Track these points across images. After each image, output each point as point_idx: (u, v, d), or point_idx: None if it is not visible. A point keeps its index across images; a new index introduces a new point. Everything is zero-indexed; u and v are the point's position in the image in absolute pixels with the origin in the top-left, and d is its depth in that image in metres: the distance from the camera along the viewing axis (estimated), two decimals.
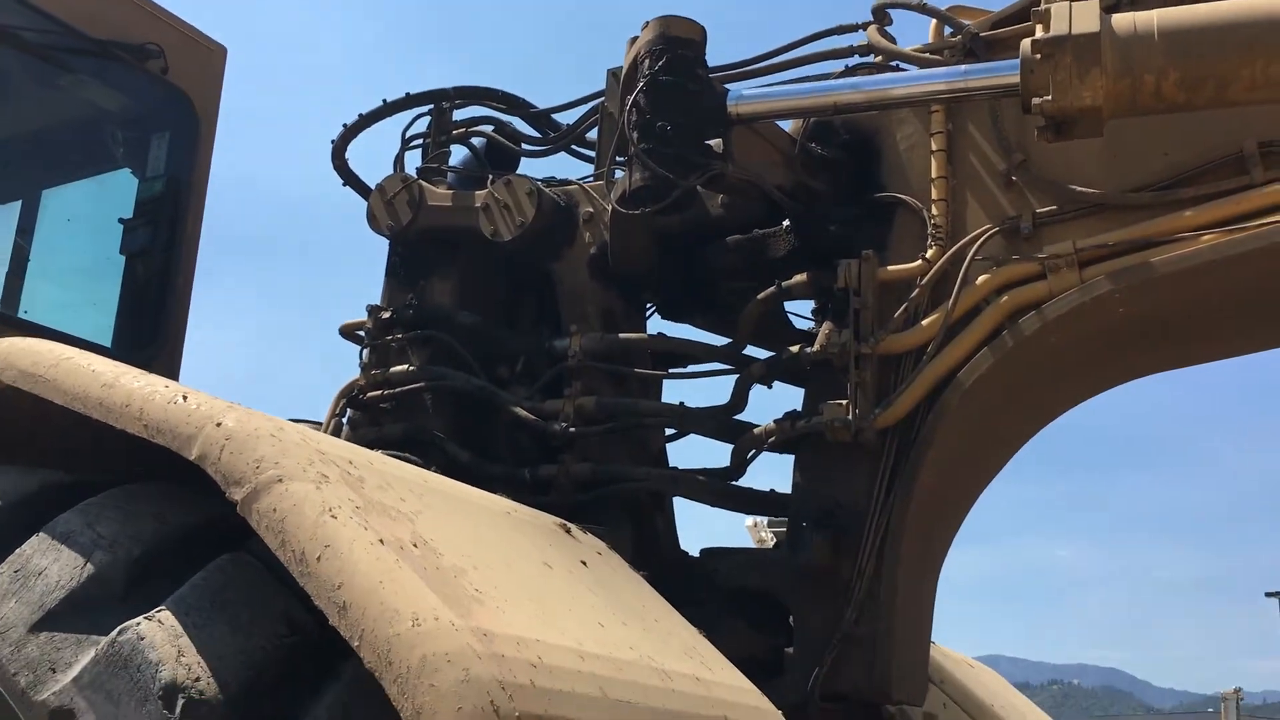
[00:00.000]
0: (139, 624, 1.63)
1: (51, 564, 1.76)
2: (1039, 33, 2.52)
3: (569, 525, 2.38)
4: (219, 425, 1.70)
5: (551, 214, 3.38)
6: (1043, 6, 2.56)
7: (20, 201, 4.12)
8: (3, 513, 1.91)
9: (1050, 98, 2.49)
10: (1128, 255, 2.69)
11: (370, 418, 3.50)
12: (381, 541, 1.57)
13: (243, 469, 1.63)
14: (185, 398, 1.76)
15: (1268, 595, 54.85)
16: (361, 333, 3.63)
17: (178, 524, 1.87)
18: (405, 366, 3.47)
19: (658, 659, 1.89)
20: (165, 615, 1.65)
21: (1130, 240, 2.70)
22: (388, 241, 3.70)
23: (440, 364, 3.44)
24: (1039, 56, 2.49)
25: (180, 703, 1.55)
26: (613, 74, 3.61)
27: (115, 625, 1.64)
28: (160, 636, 1.61)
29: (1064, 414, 3.19)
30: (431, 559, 1.63)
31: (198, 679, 1.58)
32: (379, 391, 3.48)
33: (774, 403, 3.45)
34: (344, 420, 3.59)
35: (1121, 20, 2.48)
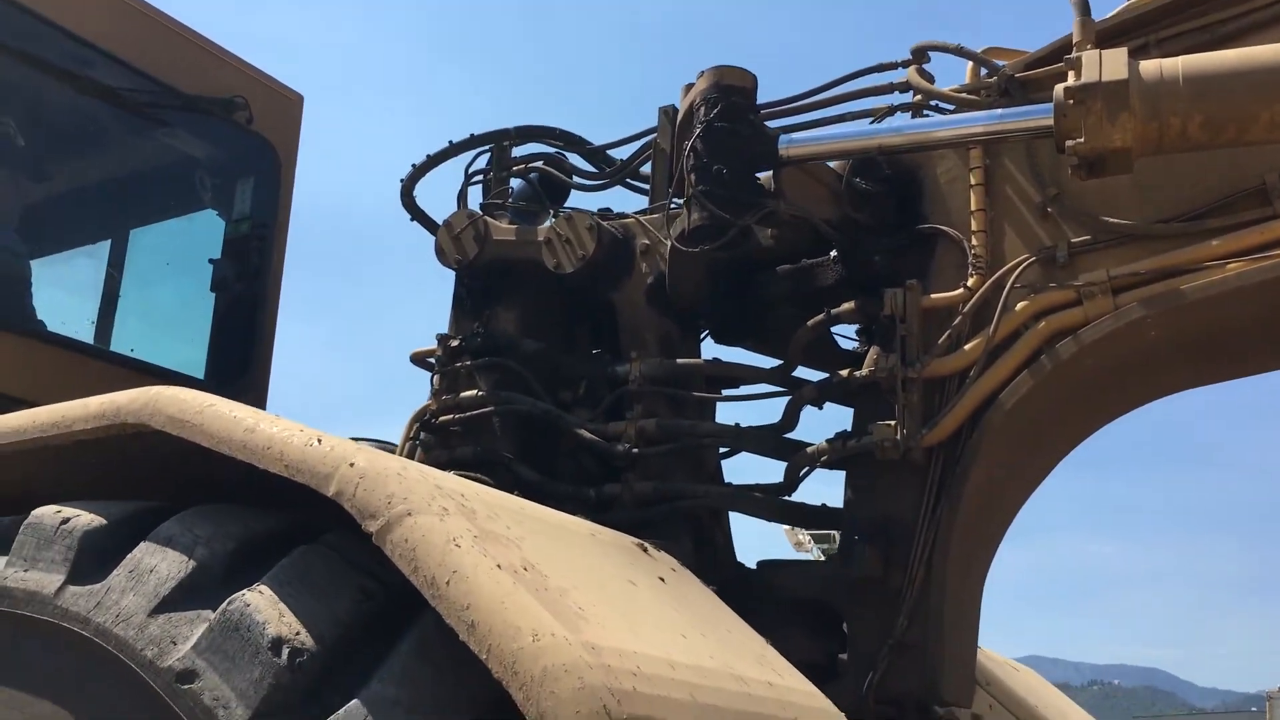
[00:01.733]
0: (244, 595, 1.89)
1: (160, 562, 2.01)
2: (1071, 79, 2.71)
3: (645, 544, 2.58)
4: (352, 465, 1.90)
5: (611, 247, 3.58)
6: (1074, 54, 2.75)
7: (110, 241, 4.39)
8: (109, 530, 2.14)
9: (1083, 140, 2.68)
10: (1158, 282, 2.87)
11: (441, 440, 3.70)
12: (499, 566, 1.77)
13: (376, 504, 1.84)
14: (320, 440, 1.97)
15: None
16: (431, 360, 3.85)
17: (260, 527, 2.11)
18: (474, 392, 3.67)
19: (735, 666, 2.09)
20: (263, 588, 1.90)
21: (1161, 268, 2.88)
22: (454, 274, 3.93)
23: (507, 389, 3.64)
24: (1072, 102, 2.68)
25: (286, 651, 1.81)
26: (664, 111, 3.82)
27: (222, 601, 1.90)
28: (262, 603, 1.87)
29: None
30: (540, 580, 1.84)
31: (298, 633, 1.84)
32: (449, 416, 3.69)
33: (819, 421, 3.64)
34: (417, 442, 3.81)
35: (1149, 67, 2.66)
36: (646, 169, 3.96)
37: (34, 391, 3.51)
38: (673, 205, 3.50)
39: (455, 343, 3.75)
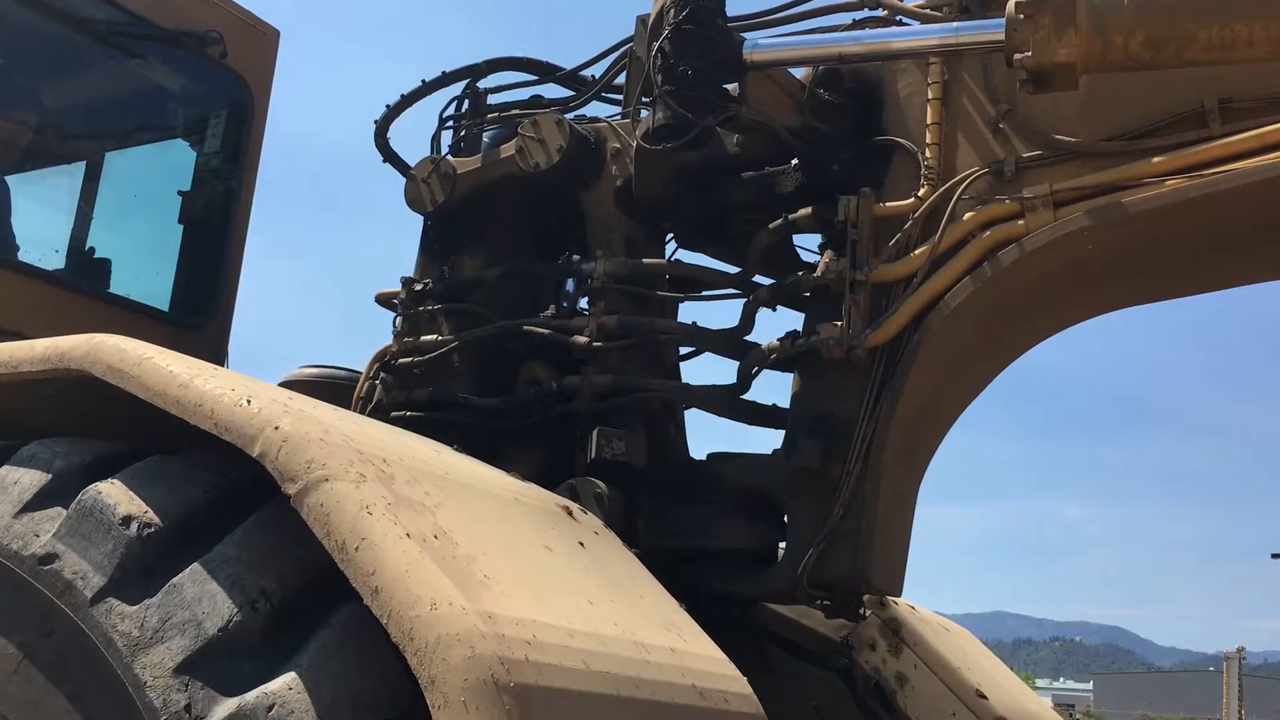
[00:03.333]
0: (96, 485, 2.10)
1: (23, 476, 2.23)
2: None
3: (570, 507, 2.67)
4: (277, 429, 1.97)
5: (581, 143, 3.68)
6: None
7: (85, 165, 4.44)
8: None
9: (1030, 54, 2.80)
10: (1099, 197, 3.01)
11: (401, 381, 3.82)
12: (408, 535, 1.86)
13: (296, 468, 1.92)
14: (249, 401, 2.05)
15: (1274, 556, 55.17)
16: (396, 301, 3.95)
17: (122, 446, 2.31)
18: (435, 335, 3.80)
19: (638, 633, 2.16)
20: (115, 480, 2.12)
21: (1101, 184, 3.01)
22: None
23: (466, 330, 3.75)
24: (1022, 16, 2.79)
25: (135, 526, 2.01)
26: (641, 20, 3.91)
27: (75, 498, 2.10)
28: (114, 490, 2.08)
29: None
30: (449, 548, 1.92)
31: (146, 512, 2.05)
32: (410, 358, 3.81)
33: (780, 327, 3.76)
34: (378, 382, 3.90)
35: None
36: (622, 79, 4.05)
37: (10, 322, 3.62)
38: (644, 111, 3.61)
39: (420, 286, 3.87)
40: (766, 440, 3.57)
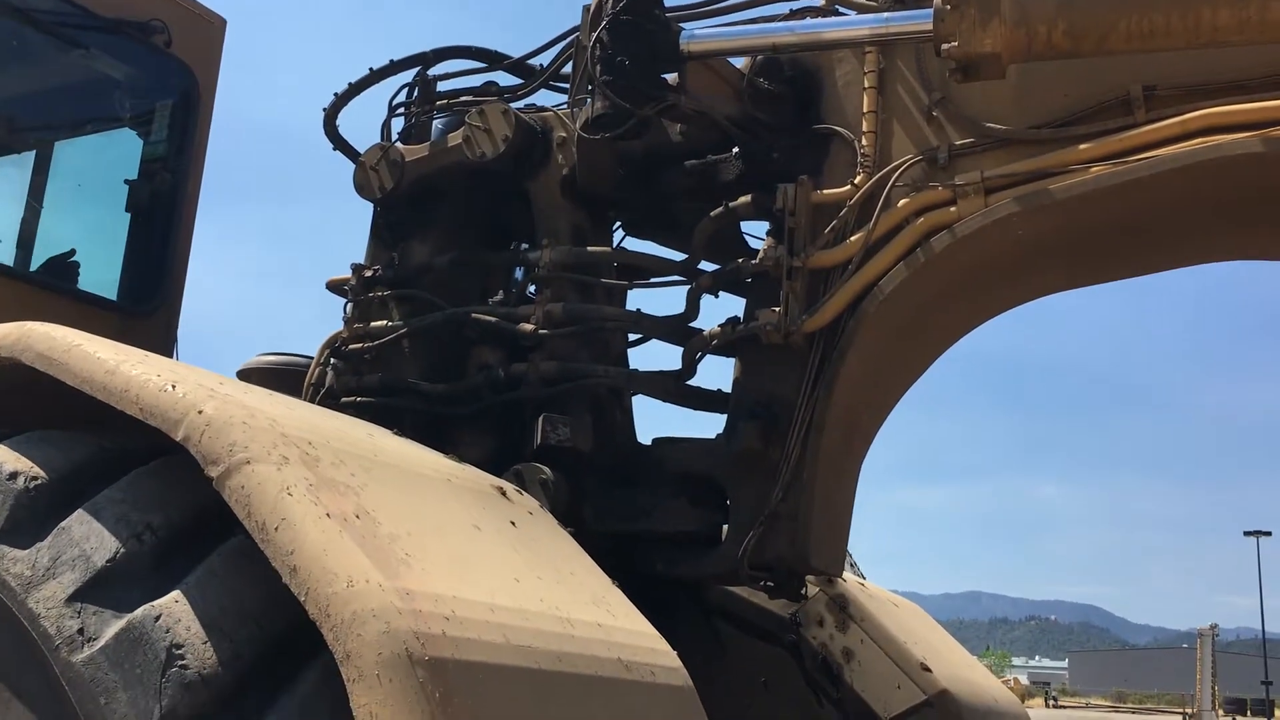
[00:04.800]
0: None
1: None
2: None
3: (505, 487, 2.70)
4: (200, 413, 2.01)
5: (527, 132, 3.71)
6: None
7: (34, 155, 4.44)
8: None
9: (957, 44, 2.86)
10: (1028, 184, 3.07)
11: (352, 367, 3.85)
12: (328, 515, 1.89)
13: (218, 451, 1.95)
14: (174, 386, 2.09)
15: (1246, 534, 55.91)
16: (346, 288, 3.98)
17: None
18: (384, 322, 3.83)
19: (564, 609, 2.18)
20: (2, 445, 2.23)
21: (1031, 170, 3.07)
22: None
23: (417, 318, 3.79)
24: (949, 7, 2.85)
25: (21, 479, 2.16)
26: (587, 9, 3.94)
27: None
28: (1, 451, 2.22)
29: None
30: (370, 528, 1.95)
31: (31, 468, 2.18)
32: (360, 344, 3.84)
33: (728, 313, 3.82)
34: (328, 368, 3.93)
35: None
36: (569, 69, 4.08)
37: None
38: (589, 100, 3.64)
39: (370, 273, 3.90)
40: (713, 425, 3.66)
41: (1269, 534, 55.43)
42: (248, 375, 4.27)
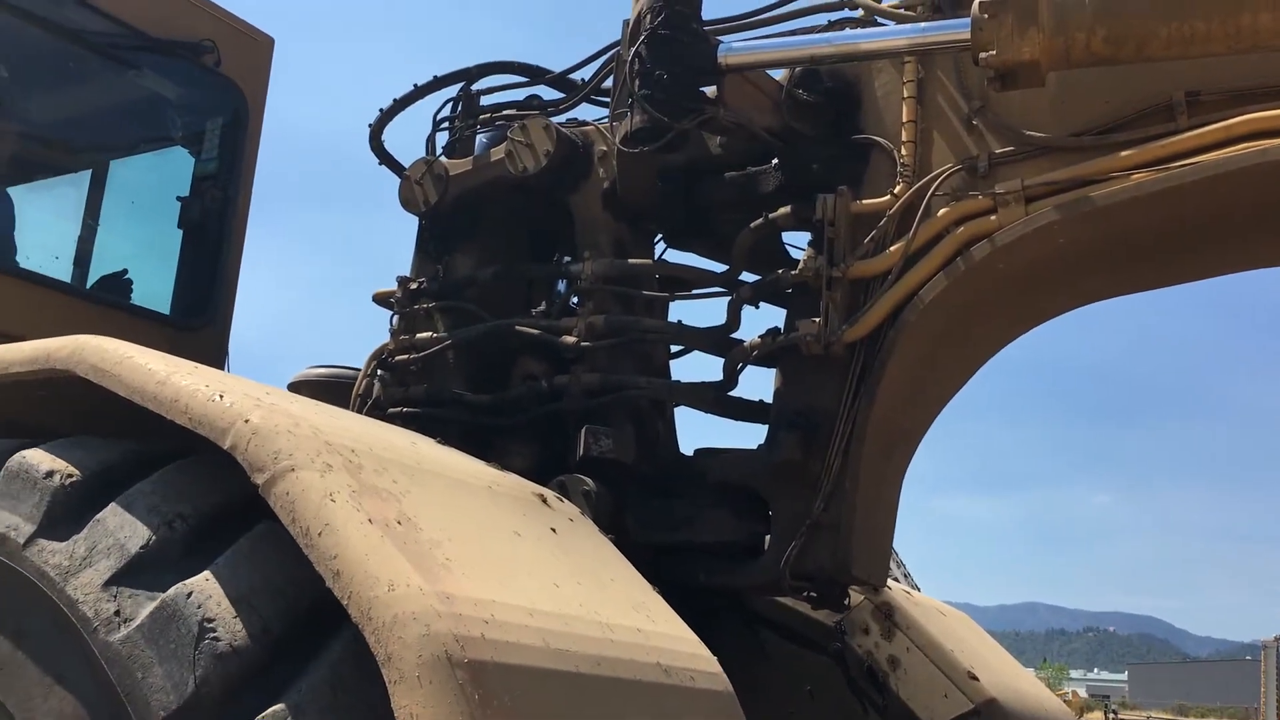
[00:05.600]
0: (22, 452, 2.32)
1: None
2: None
3: (546, 494, 2.73)
4: (246, 422, 2.07)
5: (569, 146, 3.75)
6: None
7: (90, 172, 4.58)
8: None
9: (995, 53, 2.85)
10: (1069, 191, 3.05)
11: (398, 378, 3.92)
12: (370, 521, 1.94)
13: (264, 459, 2.01)
14: (222, 396, 2.15)
15: None
16: (392, 300, 4.04)
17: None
18: (430, 333, 3.89)
19: (603, 613, 2.21)
20: (37, 448, 2.32)
21: (1072, 178, 3.05)
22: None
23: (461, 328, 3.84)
24: (986, 16, 2.85)
25: (57, 478, 2.24)
26: (627, 24, 3.98)
27: None
28: (37, 454, 2.31)
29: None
30: (412, 534, 1.99)
31: (67, 466, 2.26)
32: (406, 355, 3.90)
33: (770, 324, 3.85)
34: (375, 379, 3.99)
35: None
36: (609, 83, 4.12)
37: (15, 326, 3.74)
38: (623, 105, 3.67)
39: (415, 285, 3.96)
40: (756, 435, 3.69)
41: None
42: (298, 388, 4.36)
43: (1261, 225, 3.07)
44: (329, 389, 4.19)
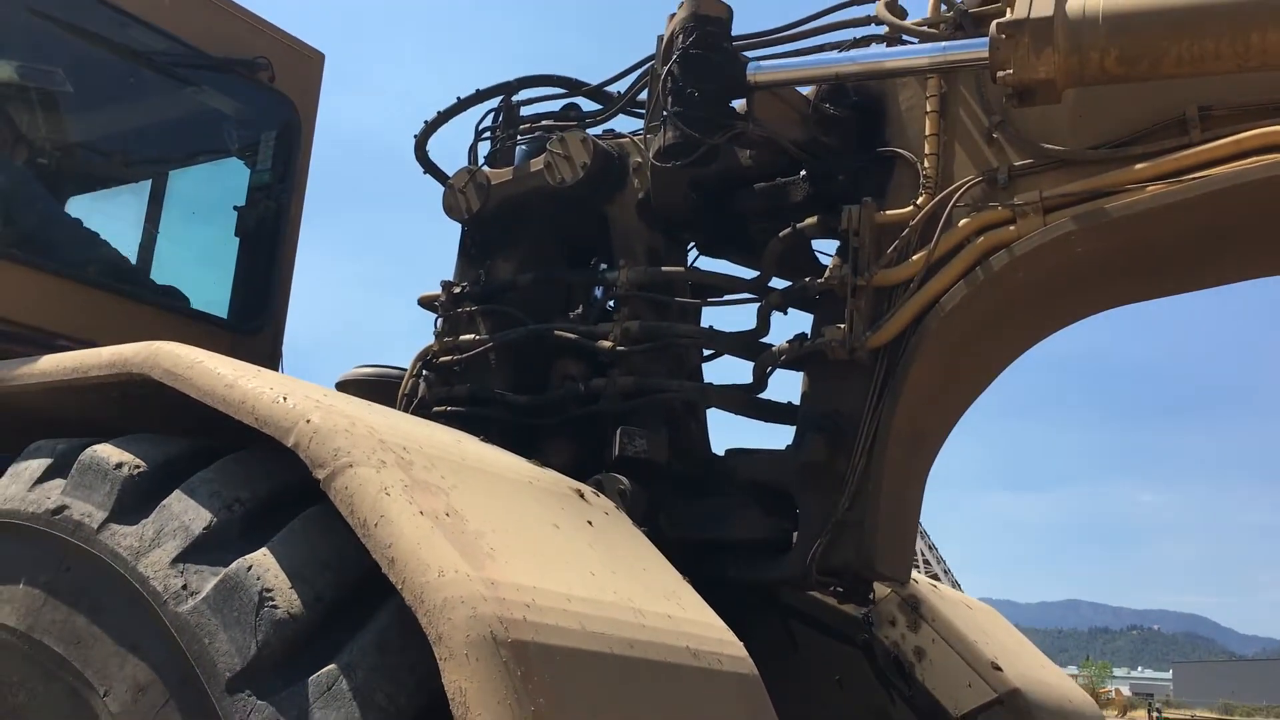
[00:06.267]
0: (94, 447, 2.54)
1: (30, 464, 2.66)
2: (1007, 14, 3.01)
3: (583, 489, 2.90)
4: (308, 422, 2.25)
5: (605, 158, 3.91)
6: None
7: (150, 184, 4.82)
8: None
9: (1013, 71, 2.98)
10: (1086, 203, 3.17)
11: (442, 378, 4.08)
12: (421, 513, 2.11)
13: (325, 456, 2.19)
14: (285, 398, 2.34)
15: None
16: (436, 304, 4.22)
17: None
18: (473, 335, 4.06)
19: (636, 600, 2.37)
20: (107, 444, 2.53)
21: (1088, 190, 3.17)
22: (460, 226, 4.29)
23: (503, 331, 4.02)
24: (1004, 36, 2.98)
25: (126, 468, 2.44)
26: (661, 39, 4.13)
27: None
28: (108, 449, 2.52)
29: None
30: (459, 525, 2.17)
31: (135, 459, 2.48)
32: (450, 356, 4.08)
33: (799, 328, 3.99)
34: (421, 379, 4.16)
35: (1073, 5, 2.95)
36: (644, 95, 4.27)
37: (85, 331, 3.98)
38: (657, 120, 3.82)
39: (458, 289, 4.14)
40: (784, 436, 3.85)
41: None
42: (345, 386, 4.56)
43: (1273, 235, 3.18)
44: (374, 387, 4.38)
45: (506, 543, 2.22)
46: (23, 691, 2.33)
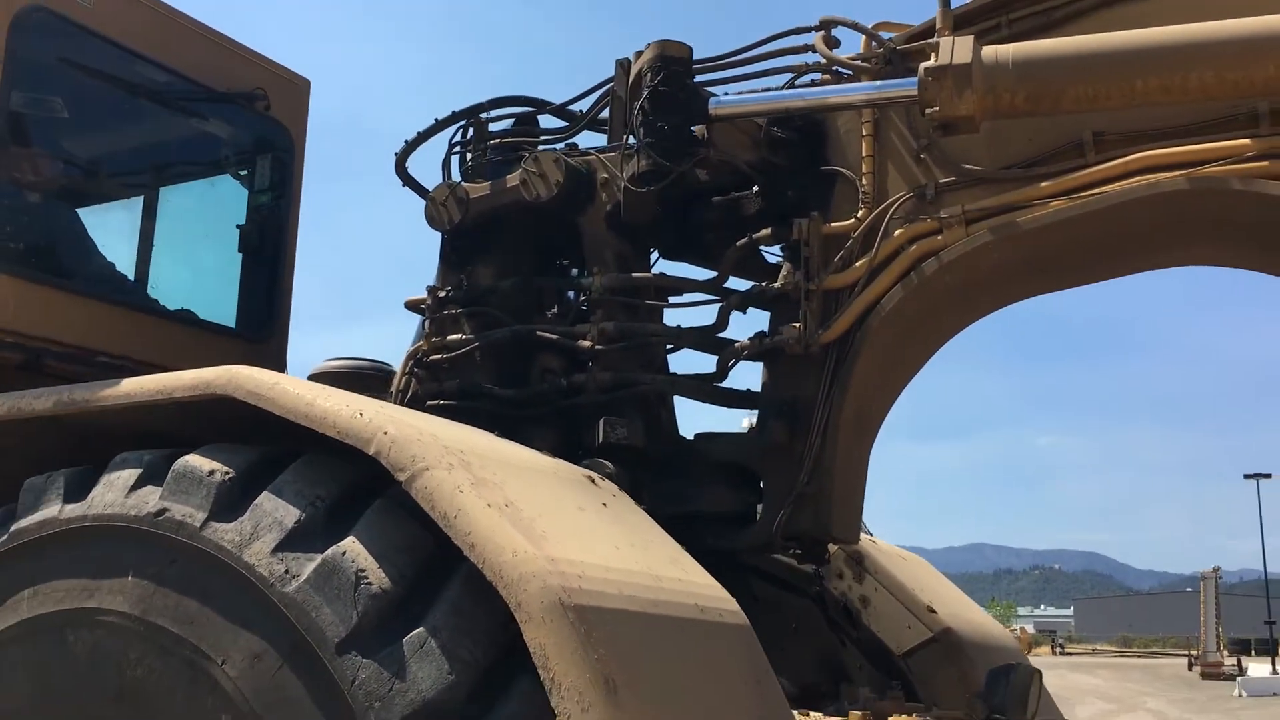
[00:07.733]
0: (186, 455, 2.93)
1: (122, 473, 3.01)
2: (932, 60, 3.53)
3: (593, 476, 3.35)
4: (386, 433, 2.63)
5: (576, 176, 4.34)
6: (935, 40, 3.56)
7: (155, 204, 5.16)
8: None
9: (938, 108, 3.51)
10: (1000, 216, 3.72)
11: (431, 375, 4.49)
12: (489, 505, 2.53)
13: (404, 462, 2.58)
14: (362, 413, 2.71)
15: (1246, 477, 56.41)
16: (423, 306, 4.63)
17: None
18: (458, 335, 4.47)
19: (654, 568, 2.82)
20: (197, 453, 2.91)
21: (1002, 204, 3.71)
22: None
23: (486, 331, 4.44)
24: (930, 79, 3.50)
25: (217, 474, 2.83)
26: (619, 63, 4.56)
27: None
28: (199, 458, 2.90)
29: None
30: (517, 513, 2.59)
31: (225, 466, 2.84)
32: (438, 355, 4.49)
33: (750, 322, 4.49)
34: (412, 376, 4.58)
35: (988, 52, 3.48)
36: (605, 114, 4.71)
37: (115, 346, 4.30)
38: (631, 139, 4.28)
39: (442, 293, 4.55)
40: (736, 418, 4.39)
41: (1269, 476, 55.95)
42: (319, 378, 4.92)
43: (1155, 239, 3.77)
44: (347, 379, 4.75)
45: (553, 525, 2.68)
46: (140, 667, 2.72)
